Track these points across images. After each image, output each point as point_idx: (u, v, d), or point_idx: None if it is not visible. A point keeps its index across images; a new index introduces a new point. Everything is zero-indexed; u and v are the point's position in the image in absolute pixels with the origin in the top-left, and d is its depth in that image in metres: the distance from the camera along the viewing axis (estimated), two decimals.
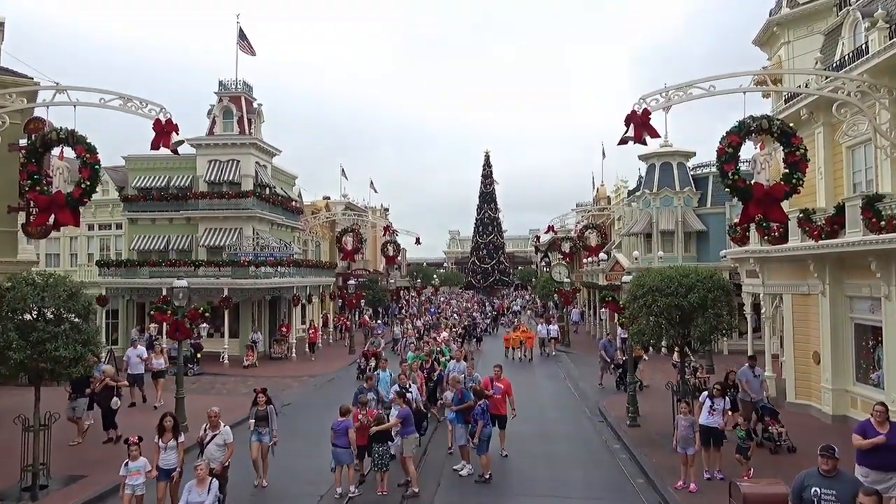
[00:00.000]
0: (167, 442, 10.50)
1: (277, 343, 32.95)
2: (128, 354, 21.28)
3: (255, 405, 12.98)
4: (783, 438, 14.45)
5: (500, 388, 14.55)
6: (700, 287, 14.46)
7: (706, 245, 34.61)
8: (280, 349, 32.59)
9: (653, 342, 15.34)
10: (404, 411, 12.27)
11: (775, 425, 14.60)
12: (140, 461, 9.99)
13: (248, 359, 29.84)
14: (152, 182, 33.54)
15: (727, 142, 14.32)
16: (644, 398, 20.54)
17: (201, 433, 10.99)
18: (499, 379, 14.75)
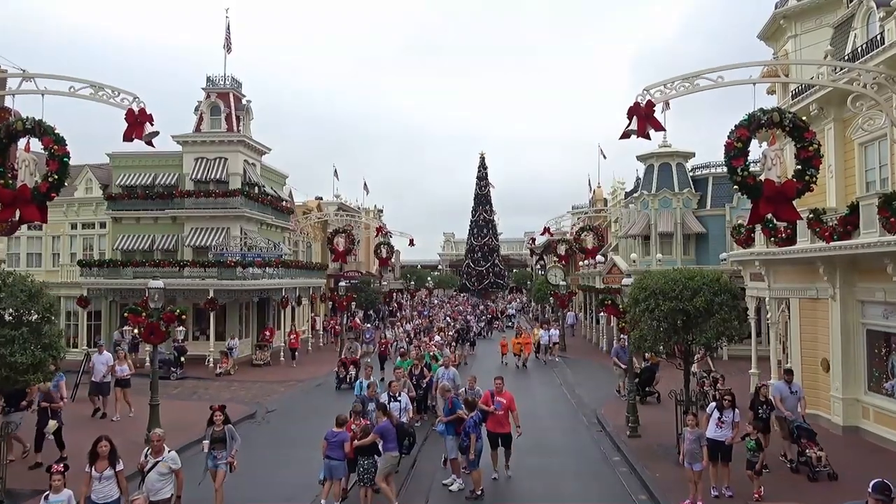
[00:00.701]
0: (102, 471, 8.82)
1: (260, 349, 31.29)
2: (93, 361, 19.91)
3: (211, 424, 10.99)
4: (822, 464, 12.60)
5: (503, 402, 13.24)
6: (706, 290, 13.62)
7: (705, 247, 33.87)
8: (263, 355, 30.93)
9: (660, 348, 14.43)
10: (382, 425, 11.31)
11: (813, 448, 12.79)
12: (63, 494, 8.22)
13: (222, 366, 28.11)
14: (137, 180, 32.57)
15: (736, 136, 13.47)
16: (643, 406, 19.75)
17: (142, 459, 9.48)
18: (500, 392, 13.40)
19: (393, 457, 11.25)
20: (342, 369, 24.33)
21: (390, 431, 11.14)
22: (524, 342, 31.26)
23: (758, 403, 13.44)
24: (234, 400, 22.50)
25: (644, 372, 20.83)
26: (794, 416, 13.50)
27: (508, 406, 13.20)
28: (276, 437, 17.41)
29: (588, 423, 18.81)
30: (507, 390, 13.62)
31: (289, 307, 35.22)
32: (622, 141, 13.28)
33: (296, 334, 31.61)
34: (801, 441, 13.03)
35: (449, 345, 24.95)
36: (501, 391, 13.44)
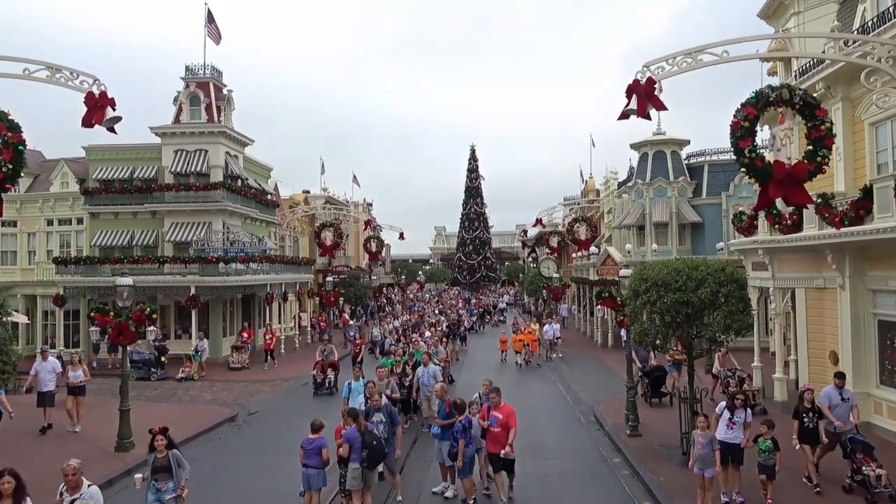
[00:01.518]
0: None
1: (237, 351, 28.71)
2: (35, 368, 17.13)
3: (153, 451, 9.18)
4: (883, 483, 10.66)
5: (499, 419, 11.35)
6: (711, 281, 12.71)
7: (701, 237, 33.09)
8: (240, 358, 28.30)
9: (658, 342, 13.53)
10: (349, 433, 10.27)
11: (870, 464, 10.93)
12: None
13: (185, 370, 25.94)
14: (115, 173, 31.45)
15: (743, 115, 12.57)
16: (649, 406, 18.86)
17: (57, 497, 7.75)
18: (498, 406, 11.58)
19: (355, 469, 10.04)
20: (320, 373, 22.27)
21: (356, 440, 10.14)
22: (529, 339, 28.98)
23: (803, 411, 11.90)
24: (214, 401, 21.56)
25: (655, 371, 19.37)
26: (846, 426, 11.77)
27: (506, 422, 11.28)
28: (257, 442, 16.45)
29: (585, 422, 17.96)
30: (506, 403, 11.77)
31: (275, 304, 34.30)
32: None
33: (271, 334, 29.28)
34: (856, 456, 11.22)
35: (440, 340, 23.85)
36: (499, 405, 11.61)
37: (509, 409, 11.51)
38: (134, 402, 21.38)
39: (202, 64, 31.62)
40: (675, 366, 19.04)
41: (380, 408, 11.65)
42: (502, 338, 30.85)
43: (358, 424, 10.29)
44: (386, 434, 11.22)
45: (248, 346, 29.14)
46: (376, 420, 11.36)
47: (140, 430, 16.52)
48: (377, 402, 11.77)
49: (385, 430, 11.29)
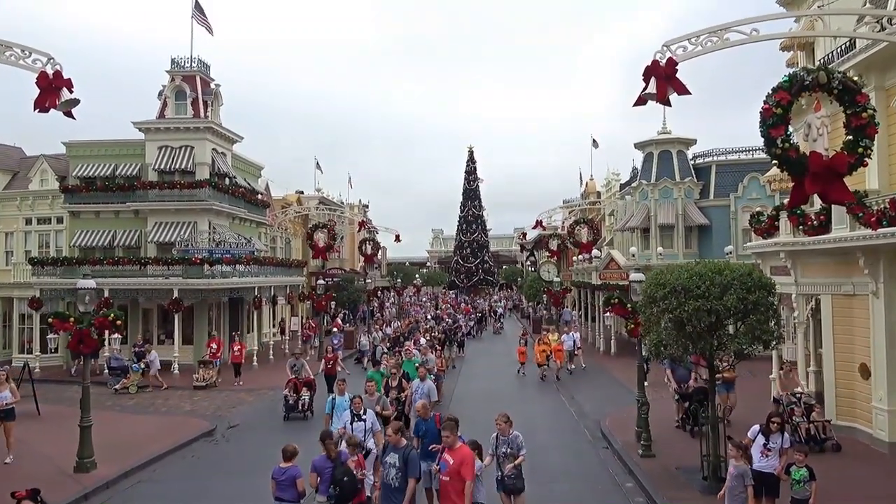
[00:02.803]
0: None
1: (204, 365, 24.93)
2: None
3: None
4: None
5: (449, 463, 8.45)
6: (738, 286, 11.37)
7: (709, 240, 31.82)
8: (207, 374, 24.41)
9: (680, 355, 12.18)
10: (317, 460, 8.86)
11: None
12: None
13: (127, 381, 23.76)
14: (96, 171, 30.03)
15: (775, 100, 11.17)
16: (651, 415, 17.39)
17: None
18: (452, 448, 8.55)
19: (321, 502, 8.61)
20: (292, 393, 18.92)
21: (325, 471, 8.73)
22: (554, 349, 25.81)
23: None
24: (193, 413, 20.12)
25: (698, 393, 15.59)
26: None
27: (458, 469, 8.30)
28: (234, 461, 15.01)
29: (592, 438, 16.57)
30: (463, 444, 8.72)
31: (265, 308, 32.91)
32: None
33: (240, 346, 25.46)
34: None
35: (433, 347, 22.31)
36: (454, 447, 8.53)
37: (467, 452, 8.49)
38: (108, 413, 20.17)
39: (188, 57, 30.26)
40: (725, 385, 16.01)
41: (399, 447, 8.77)
42: (520, 349, 27.42)
43: (327, 450, 8.86)
44: (397, 482, 8.60)
45: (217, 361, 25.48)
46: (389, 462, 8.74)
47: (109, 445, 15.23)
48: (395, 439, 8.80)
49: (397, 478, 8.60)
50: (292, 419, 18.71)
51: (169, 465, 14.70)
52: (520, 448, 9.56)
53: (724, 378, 15.98)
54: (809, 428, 13.99)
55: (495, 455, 9.58)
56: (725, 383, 16.05)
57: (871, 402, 14.42)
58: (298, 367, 19.58)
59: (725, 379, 15.97)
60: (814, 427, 14.06)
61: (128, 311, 29.57)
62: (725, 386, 16.08)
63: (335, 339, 27.86)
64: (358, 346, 28.69)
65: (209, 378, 24.36)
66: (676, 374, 16.50)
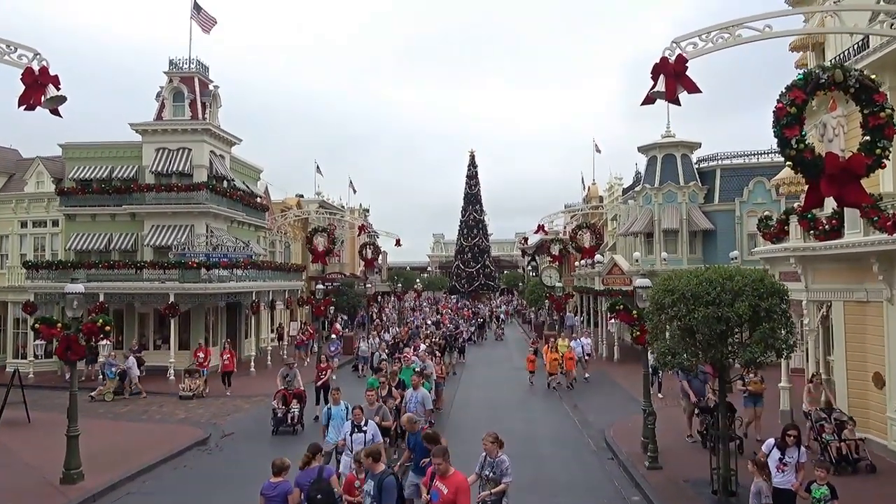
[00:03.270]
0: None
1: (190, 375, 23.49)
2: None
3: None
4: None
5: (442, 493, 7.58)
6: (749, 293, 10.91)
7: (713, 245, 31.34)
8: (193, 384, 23.08)
9: (691, 364, 11.71)
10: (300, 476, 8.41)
11: None
12: None
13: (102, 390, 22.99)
14: (92, 173, 29.61)
15: (789, 99, 10.77)
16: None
17: None
18: (444, 476, 7.66)
19: None
20: (281, 405, 17.59)
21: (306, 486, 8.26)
22: (566, 356, 24.60)
23: None
24: (187, 421, 19.63)
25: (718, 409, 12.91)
26: None
27: (453, 500, 7.45)
28: (227, 472, 14.51)
29: (596, 449, 16.08)
30: (457, 471, 7.83)
31: (263, 312, 32.50)
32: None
33: (230, 354, 24.23)
34: None
35: (433, 354, 21.80)
36: (446, 474, 7.64)
37: (461, 480, 7.64)
38: (101, 421, 19.68)
39: (187, 58, 29.89)
40: (752, 398, 15.26)
41: (375, 473, 7.94)
42: (530, 357, 26.25)
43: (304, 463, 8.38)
44: None
45: (205, 370, 24.13)
46: (366, 489, 8.09)
47: (100, 454, 14.81)
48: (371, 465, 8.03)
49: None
50: (281, 433, 17.48)
51: (160, 477, 14.22)
52: (503, 474, 8.68)
53: (750, 391, 15.23)
54: (841, 447, 12.93)
55: (479, 475, 8.88)
56: (753, 396, 15.20)
57: (885, 413, 13.95)
58: (291, 378, 18.30)
59: (752, 392, 15.13)
60: (846, 446, 12.96)
61: (123, 316, 29.26)
62: (753, 399, 15.20)
63: (333, 345, 27.26)
64: (357, 353, 27.91)
65: (195, 388, 23.10)
66: (693, 385, 15.55)
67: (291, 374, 18.49)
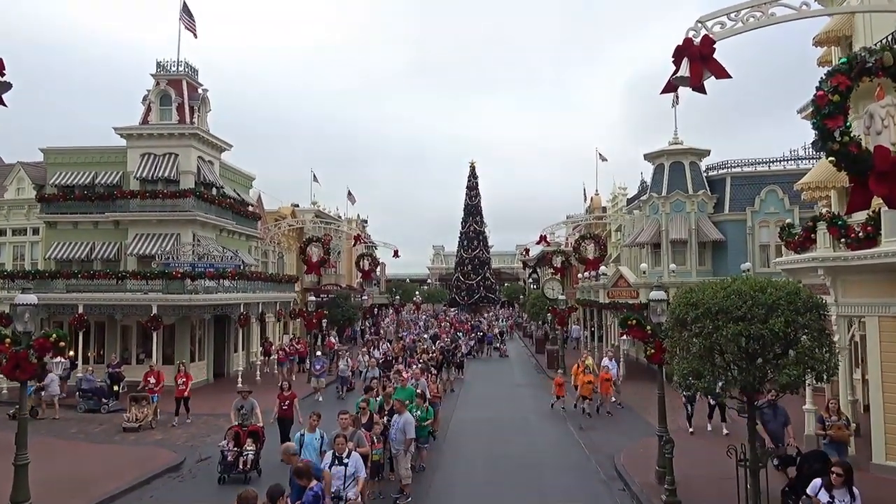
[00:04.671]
0: None
1: (136, 403, 20.14)
2: None
3: None
4: None
5: None
6: (786, 307, 9.58)
7: (723, 256, 29.98)
8: (139, 413, 19.85)
9: (720, 390, 10.33)
10: None
11: None
12: None
13: None
14: (75, 179, 28.38)
15: (831, 85, 9.46)
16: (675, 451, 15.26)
17: None
18: None
19: None
20: (231, 447, 13.90)
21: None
22: (602, 378, 22.03)
23: None
24: (163, 442, 18.17)
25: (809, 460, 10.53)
26: None
27: None
28: (204, 496, 13.09)
29: (606, 478, 14.63)
30: None
31: (254, 326, 31.12)
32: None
33: (186, 377, 20.92)
34: None
35: (429, 371, 20.31)
36: None
37: None
38: (69, 442, 18.13)
39: (175, 60, 28.73)
40: (833, 446, 11.97)
41: None
42: (558, 380, 23.05)
43: None
44: None
45: (155, 397, 20.65)
46: None
47: (58, 482, 13.39)
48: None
49: None
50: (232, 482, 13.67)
51: None
52: None
53: (832, 437, 12.24)
54: None
55: None
56: (835, 444, 12.09)
57: None
58: (247, 410, 14.75)
59: (835, 438, 12.17)
60: None
61: (105, 329, 27.91)
62: (836, 447, 11.93)
63: (319, 363, 24.96)
64: (339, 374, 25.60)
65: (142, 417, 19.80)
66: (768, 425, 12.01)
67: (248, 406, 14.82)
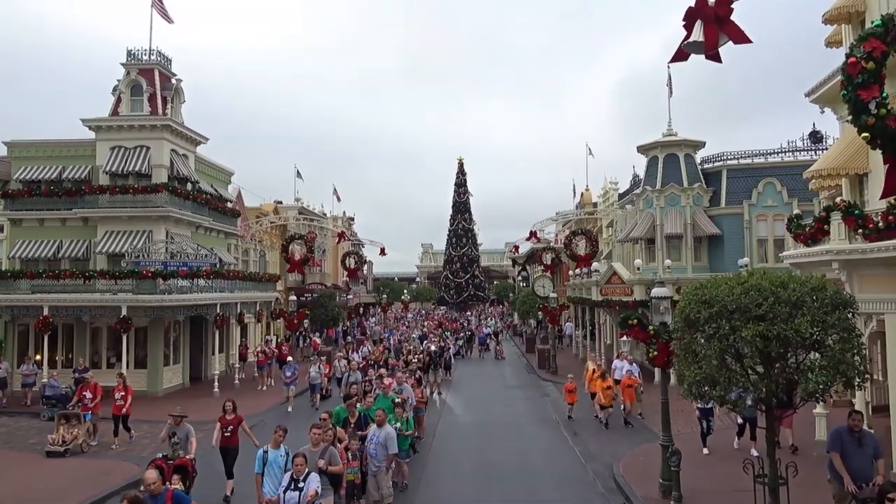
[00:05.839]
0: None
1: (66, 423, 16.99)
2: None
3: None
4: None
5: None
6: (812, 305, 8.47)
7: (720, 251, 28.94)
8: (69, 433, 16.73)
9: (741, 398, 9.19)
10: None
11: None
12: None
13: None
14: (41, 174, 26.91)
15: (864, 52, 8.43)
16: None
17: None
18: None
19: None
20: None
21: None
22: (625, 383, 19.39)
23: None
24: (125, 455, 16.80)
25: None
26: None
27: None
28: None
29: (604, 490, 13.48)
30: None
31: (234, 327, 29.82)
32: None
33: (125, 391, 17.52)
34: None
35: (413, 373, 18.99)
36: None
37: None
38: (23, 455, 16.71)
39: (146, 48, 27.32)
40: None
41: None
42: (568, 385, 20.71)
43: None
44: None
45: (88, 415, 17.36)
46: None
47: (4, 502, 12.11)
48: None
49: None
50: None
51: None
52: None
53: None
54: None
55: None
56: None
57: None
58: (181, 439, 11.82)
59: None
60: None
61: (74, 332, 26.50)
62: None
63: (289, 370, 22.56)
64: (309, 381, 23.04)
65: (70, 439, 16.61)
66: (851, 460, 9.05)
67: (182, 434, 11.85)
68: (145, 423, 20.79)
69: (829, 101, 15.73)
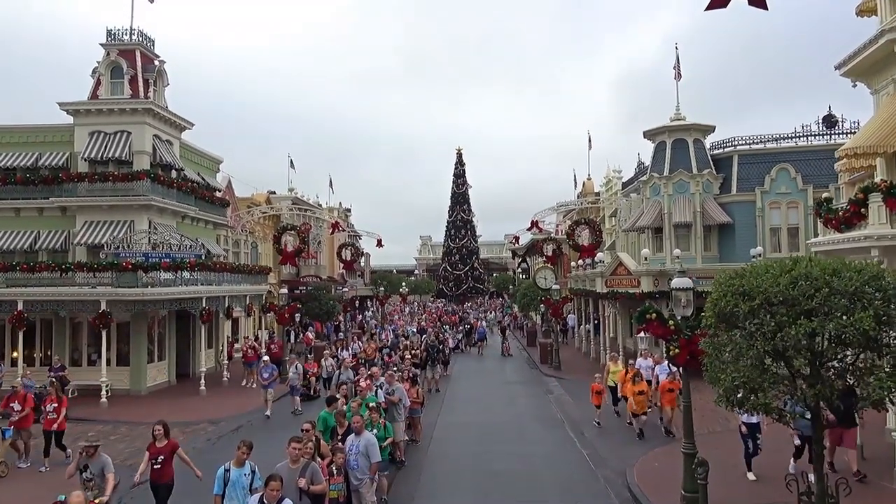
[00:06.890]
0: None
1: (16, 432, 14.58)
2: None
3: None
4: None
5: None
6: (873, 297, 7.17)
7: (731, 241, 27.71)
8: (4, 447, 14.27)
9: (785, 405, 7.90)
10: None
11: None
12: None
13: None
14: (16, 160, 25.52)
15: None
16: None
17: None
18: None
19: None
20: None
21: None
22: (663, 387, 16.47)
23: None
24: (49, 480, 15.21)
25: None
26: None
27: None
28: None
29: (619, 501, 12.22)
30: None
31: (223, 322, 28.53)
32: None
33: (58, 402, 14.92)
34: None
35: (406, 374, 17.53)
36: None
37: None
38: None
39: (127, 28, 25.89)
40: None
41: None
42: (596, 386, 18.55)
43: None
44: None
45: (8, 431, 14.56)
46: None
47: None
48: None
49: None
50: None
51: None
52: None
53: None
54: None
55: None
56: None
57: None
58: (94, 474, 9.50)
59: None
60: None
61: (53, 327, 25.21)
62: None
63: (266, 370, 20.24)
64: (289, 383, 20.87)
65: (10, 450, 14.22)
66: None
67: (96, 467, 9.56)
68: (124, 424, 19.63)
69: (861, 74, 14.37)
